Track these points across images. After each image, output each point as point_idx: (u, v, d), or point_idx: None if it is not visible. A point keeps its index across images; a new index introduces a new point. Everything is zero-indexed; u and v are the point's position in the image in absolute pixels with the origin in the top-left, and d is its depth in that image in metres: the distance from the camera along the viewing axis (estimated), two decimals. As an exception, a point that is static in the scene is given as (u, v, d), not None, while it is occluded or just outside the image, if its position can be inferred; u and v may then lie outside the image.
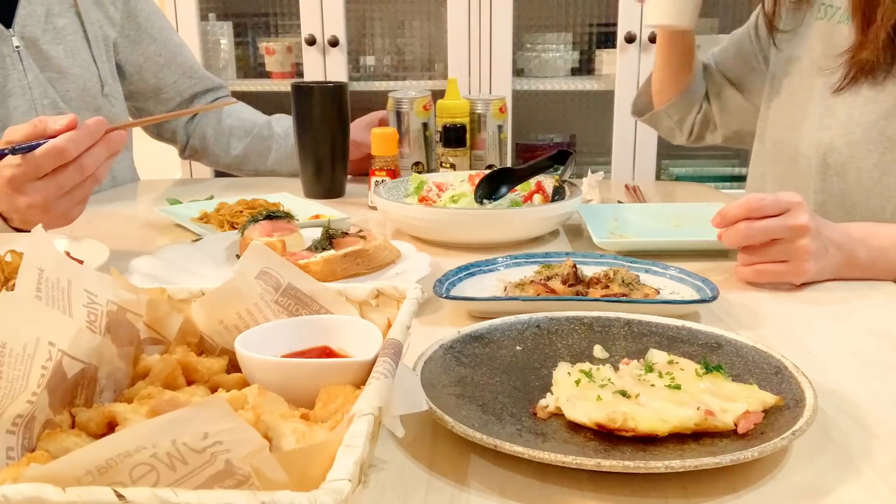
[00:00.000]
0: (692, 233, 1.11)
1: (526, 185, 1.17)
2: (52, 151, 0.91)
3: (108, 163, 0.97)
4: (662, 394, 0.56)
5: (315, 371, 0.50)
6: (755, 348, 0.64)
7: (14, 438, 0.43)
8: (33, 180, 0.93)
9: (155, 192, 1.45)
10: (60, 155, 0.92)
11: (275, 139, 1.55)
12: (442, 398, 0.57)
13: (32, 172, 0.92)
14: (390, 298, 0.62)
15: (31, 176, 0.93)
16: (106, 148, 0.95)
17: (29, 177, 0.93)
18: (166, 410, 0.41)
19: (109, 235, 1.05)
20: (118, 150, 0.97)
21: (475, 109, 1.40)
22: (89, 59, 1.40)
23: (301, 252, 0.93)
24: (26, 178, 0.93)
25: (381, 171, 1.26)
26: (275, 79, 2.57)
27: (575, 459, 0.49)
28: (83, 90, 1.39)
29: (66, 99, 1.38)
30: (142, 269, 0.87)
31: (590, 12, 2.67)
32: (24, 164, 0.92)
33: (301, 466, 0.37)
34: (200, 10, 2.46)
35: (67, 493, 0.34)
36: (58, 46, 1.34)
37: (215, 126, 1.58)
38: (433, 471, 0.53)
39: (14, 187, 0.94)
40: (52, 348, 0.44)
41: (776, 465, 0.53)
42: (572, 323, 0.71)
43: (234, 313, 0.56)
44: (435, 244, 1.06)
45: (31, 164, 0.92)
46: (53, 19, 1.35)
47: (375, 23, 2.72)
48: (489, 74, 2.42)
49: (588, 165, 2.61)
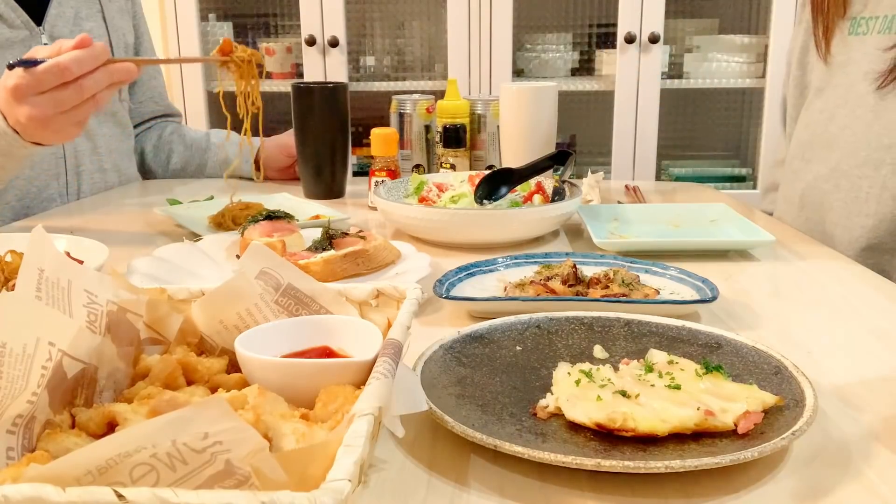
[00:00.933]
0: (692, 233, 1.11)
1: (526, 185, 1.17)
2: (54, 68, 0.96)
3: (110, 91, 1.01)
4: (662, 394, 0.56)
5: (315, 371, 0.50)
6: (755, 348, 0.64)
7: (14, 438, 0.43)
8: (35, 94, 0.98)
9: (155, 192, 1.45)
10: (62, 73, 0.96)
11: (211, 150, 1.59)
12: (442, 398, 0.57)
13: (35, 86, 0.97)
14: (390, 298, 0.62)
15: (32, 89, 0.97)
16: (108, 75, 0.99)
17: (31, 89, 0.97)
18: (166, 410, 0.41)
19: (109, 235, 1.05)
20: (121, 80, 1.01)
21: (475, 110, 1.41)
22: None
23: (301, 252, 0.93)
24: (28, 91, 0.97)
25: (381, 172, 1.26)
26: (275, 79, 2.58)
27: (575, 459, 0.49)
28: None
29: None
30: (142, 269, 0.87)
31: (590, 12, 2.67)
32: (28, 77, 0.97)
33: (301, 466, 0.37)
34: (200, 10, 2.47)
35: (67, 493, 0.34)
36: None
37: (155, 142, 1.63)
38: (433, 471, 0.53)
39: (16, 97, 0.99)
40: (52, 348, 0.44)
41: (776, 465, 0.53)
42: (572, 323, 0.71)
43: (234, 313, 0.56)
44: (435, 244, 1.06)
45: (34, 77, 0.96)
46: (81, 22, 1.39)
47: (375, 23, 2.72)
48: (489, 75, 2.42)
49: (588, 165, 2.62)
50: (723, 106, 2.76)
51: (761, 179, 2.48)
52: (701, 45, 2.54)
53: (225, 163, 1.56)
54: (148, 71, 1.59)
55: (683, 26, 2.62)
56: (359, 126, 2.52)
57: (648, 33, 2.35)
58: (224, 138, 1.59)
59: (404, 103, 1.43)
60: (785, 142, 1.39)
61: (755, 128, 2.58)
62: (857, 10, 1.18)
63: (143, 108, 1.61)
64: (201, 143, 1.60)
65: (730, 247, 1.03)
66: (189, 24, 2.45)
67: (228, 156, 1.55)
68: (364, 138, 2.46)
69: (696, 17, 2.65)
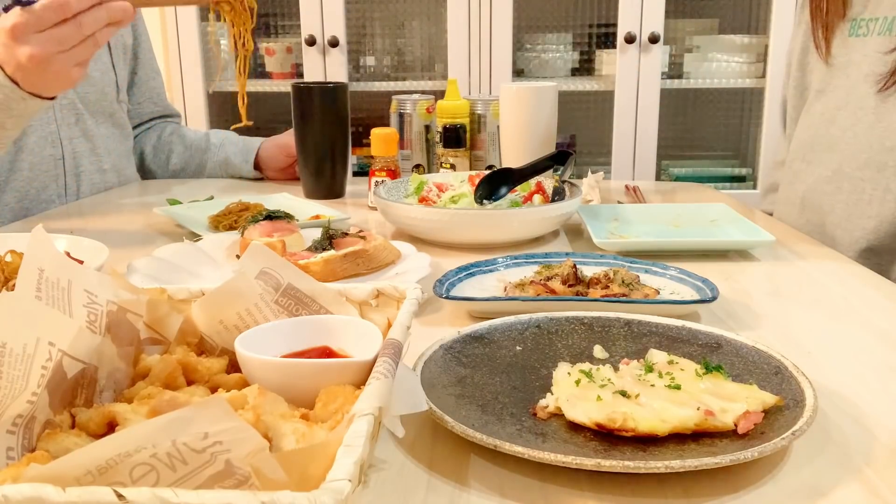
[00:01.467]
0: (692, 233, 1.11)
1: (526, 185, 1.17)
2: (53, 4, 0.96)
3: (109, 29, 1.01)
4: (662, 394, 0.56)
5: (315, 371, 0.50)
6: (755, 348, 0.64)
7: (14, 438, 0.43)
8: (35, 32, 0.97)
9: (155, 193, 1.45)
10: (62, 8, 0.96)
11: (210, 150, 1.59)
12: (442, 398, 0.57)
13: (34, 23, 0.96)
14: (390, 298, 0.62)
15: (32, 27, 0.97)
16: (107, 12, 0.99)
17: (30, 27, 0.97)
18: (166, 410, 0.41)
19: (109, 235, 1.05)
20: (120, 19, 1.01)
21: (475, 110, 1.41)
22: (109, 65, 1.45)
23: (301, 252, 0.93)
24: (27, 29, 0.97)
25: (381, 172, 1.26)
26: (275, 79, 2.58)
27: (575, 459, 0.49)
28: (101, 94, 1.44)
29: (85, 101, 1.41)
30: (142, 269, 0.87)
31: (590, 12, 2.67)
32: (27, 15, 0.96)
33: (301, 466, 0.37)
34: (200, 10, 2.46)
35: (67, 493, 0.34)
36: None
37: (155, 143, 1.63)
38: (433, 471, 0.53)
39: (15, 37, 0.98)
40: (52, 348, 0.44)
41: (776, 465, 0.53)
42: (572, 323, 0.71)
43: (234, 313, 0.56)
44: (435, 244, 1.06)
45: (32, 14, 0.96)
46: None
47: (375, 23, 2.72)
48: (489, 75, 2.42)
49: (588, 165, 2.63)
50: (723, 106, 2.76)
51: (761, 180, 2.48)
52: (701, 45, 2.54)
53: (225, 163, 1.56)
54: (146, 72, 1.59)
55: (683, 26, 2.62)
56: (359, 126, 2.52)
57: (648, 33, 2.35)
58: (223, 139, 1.58)
59: (404, 103, 1.43)
60: (785, 143, 1.39)
61: (755, 128, 2.58)
62: (857, 12, 1.18)
63: (142, 108, 1.61)
64: (201, 143, 1.60)
65: (730, 247, 1.03)
66: (189, 24, 2.45)
67: (228, 156, 1.55)
68: (364, 138, 2.46)
69: (696, 17, 2.65)
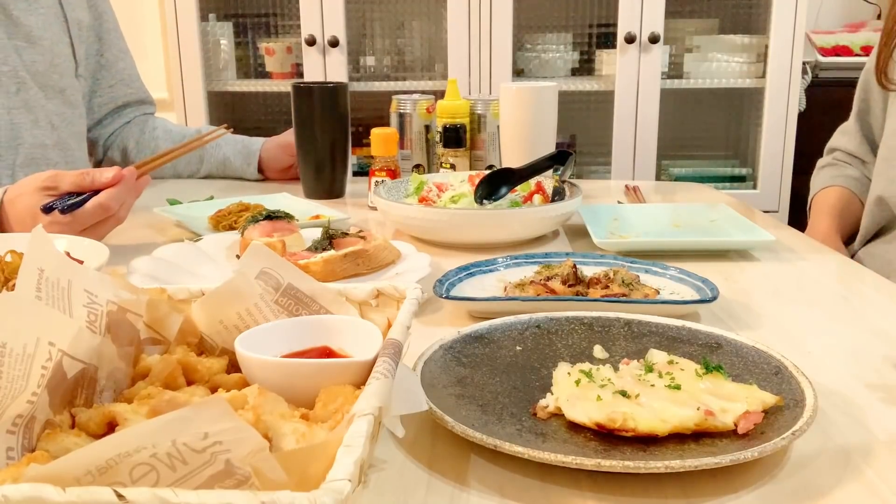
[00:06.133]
0: (692, 233, 1.11)
1: (526, 185, 1.17)
2: (98, 210, 1.00)
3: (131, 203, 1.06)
4: (662, 394, 0.56)
5: (315, 371, 0.50)
6: (755, 348, 0.64)
7: (14, 438, 0.43)
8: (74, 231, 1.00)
9: (155, 192, 1.45)
10: (105, 211, 1.01)
11: (206, 148, 1.53)
12: (442, 398, 0.57)
13: (77, 227, 1.00)
14: (390, 298, 0.62)
15: (74, 230, 0.99)
16: (135, 195, 1.06)
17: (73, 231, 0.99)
18: (166, 410, 0.41)
19: (109, 235, 1.05)
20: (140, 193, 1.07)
21: (475, 110, 1.40)
22: (63, 37, 1.38)
23: (301, 252, 0.93)
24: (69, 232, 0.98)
25: (381, 172, 1.25)
26: (275, 79, 2.57)
27: (575, 459, 0.49)
28: (51, 65, 1.36)
29: (31, 71, 1.34)
30: (142, 269, 0.87)
31: (590, 12, 2.67)
32: (73, 223, 0.99)
33: (301, 466, 0.37)
34: (200, 10, 2.46)
35: (67, 493, 0.34)
36: (30, 17, 1.32)
37: (138, 138, 1.55)
38: (433, 471, 0.53)
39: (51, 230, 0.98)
40: (52, 348, 0.44)
41: (776, 465, 0.53)
42: (572, 323, 0.71)
43: (234, 313, 0.56)
44: (435, 244, 1.06)
45: (77, 220, 1.00)
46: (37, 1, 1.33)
47: (375, 23, 2.72)
48: (489, 75, 2.42)
49: (588, 165, 2.63)
50: (723, 106, 2.76)
51: (762, 179, 2.48)
52: (701, 45, 2.54)
53: (223, 163, 1.53)
54: (114, 53, 1.50)
55: (683, 26, 2.62)
56: (359, 126, 2.51)
57: (648, 33, 2.35)
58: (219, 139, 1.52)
59: (404, 103, 1.43)
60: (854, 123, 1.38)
61: (755, 128, 2.58)
62: None
63: (115, 91, 1.52)
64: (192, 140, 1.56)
65: (730, 247, 1.03)
66: (189, 24, 2.44)
67: (227, 156, 1.53)
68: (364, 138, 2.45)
69: (696, 17, 2.65)
